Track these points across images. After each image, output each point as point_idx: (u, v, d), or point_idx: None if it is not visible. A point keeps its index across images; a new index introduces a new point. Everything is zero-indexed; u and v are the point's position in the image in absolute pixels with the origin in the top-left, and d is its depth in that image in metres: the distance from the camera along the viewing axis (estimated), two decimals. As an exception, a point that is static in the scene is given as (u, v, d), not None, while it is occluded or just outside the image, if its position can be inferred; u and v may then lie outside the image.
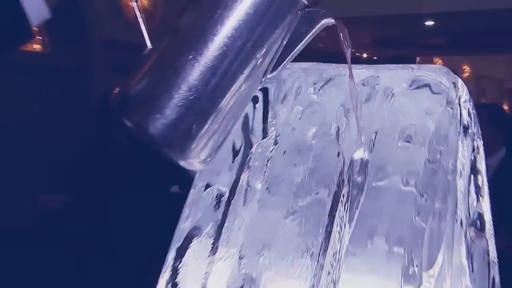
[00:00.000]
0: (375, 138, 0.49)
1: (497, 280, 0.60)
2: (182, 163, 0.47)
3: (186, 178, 0.56)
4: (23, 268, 1.96)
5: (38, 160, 2.44)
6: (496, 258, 0.58)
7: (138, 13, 0.51)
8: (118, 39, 3.02)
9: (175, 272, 0.48)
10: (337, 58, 0.53)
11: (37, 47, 2.98)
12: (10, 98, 2.60)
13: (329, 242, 0.47)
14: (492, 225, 0.56)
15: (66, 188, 2.22)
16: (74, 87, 2.84)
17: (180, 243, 0.50)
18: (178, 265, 0.49)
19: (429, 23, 4.22)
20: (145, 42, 0.49)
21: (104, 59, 3.05)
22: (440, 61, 6.50)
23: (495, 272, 0.58)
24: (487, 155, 0.57)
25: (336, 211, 0.47)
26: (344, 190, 0.48)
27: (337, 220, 0.47)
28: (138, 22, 0.53)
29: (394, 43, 5.27)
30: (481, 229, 0.54)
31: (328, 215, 0.47)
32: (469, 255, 0.53)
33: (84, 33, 2.98)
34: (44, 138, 2.66)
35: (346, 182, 0.48)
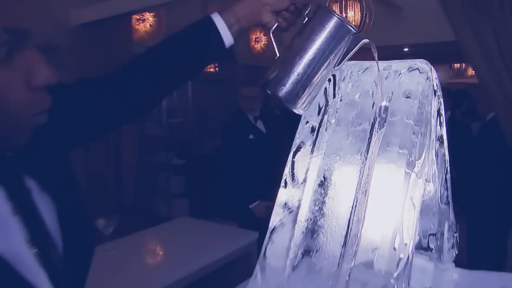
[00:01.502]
0: (391, 96, 0.74)
1: (448, 176, 0.89)
2: (294, 110, 0.79)
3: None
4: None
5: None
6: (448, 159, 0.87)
7: (272, 39, 0.81)
8: (249, 63, 5.46)
9: (292, 165, 0.78)
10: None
11: (212, 69, 5.58)
12: (202, 94, 5.24)
13: (369, 148, 0.73)
14: (447, 141, 0.84)
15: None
16: (229, 90, 4.83)
17: (294, 150, 0.78)
18: (294, 161, 0.77)
19: (406, 49, 5.81)
20: (276, 53, 0.79)
21: (243, 74, 5.07)
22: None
23: (447, 167, 0.86)
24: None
25: (372, 133, 0.73)
26: (376, 122, 0.73)
27: (373, 137, 0.73)
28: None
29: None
30: (442, 142, 0.82)
31: (369, 134, 0.73)
32: (436, 155, 0.80)
33: (233, 60, 5.22)
34: (217, 114, 4.69)
35: (377, 118, 0.73)
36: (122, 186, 4.02)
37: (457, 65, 8.73)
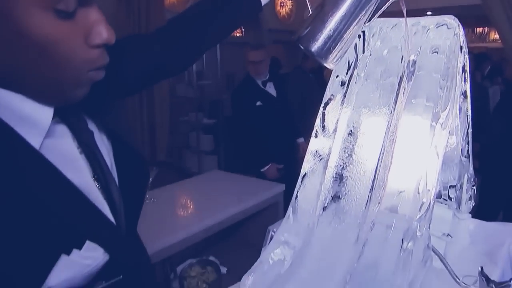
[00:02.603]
0: (419, 51, 0.73)
1: (470, 131, 0.89)
2: (325, 65, 0.80)
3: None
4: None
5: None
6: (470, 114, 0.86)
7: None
8: (274, 27, 5.74)
9: (323, 117, 0.78)
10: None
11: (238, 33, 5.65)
12: (229, 57, 5.19)
13: (397, 100, 0.72)
14: (470, 97, 0.83)
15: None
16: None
17: (325, 102, 0.79)
18: (324, 113, 0.78)
19: (429, 13, 5.15)
20: (309, 10, 0.79)
21: (269, 36, 5.46)
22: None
23: (469, 122, 0.86)
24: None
25: (400, 86, 0.73)
26: (404, 76, 0.72)
27: (401, 90, 0.72)
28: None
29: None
30: (465, 97, 0.82)
31: (397, 87, 0.73)
32: (459, 109, 0.80)
33: (258, 24, 5.37)
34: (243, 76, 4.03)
35: (405, 71, 0.72)
36: (156, 144, 4.10)
37: (479, 29, 8.41)
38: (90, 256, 0.56)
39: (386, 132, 0.70)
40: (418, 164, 0.68)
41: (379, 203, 0.67)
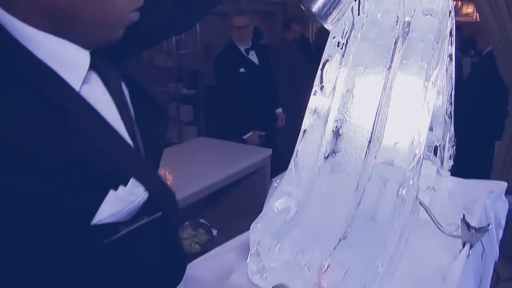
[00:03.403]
0: (413, 14, 0.76)
1: (453, 92, 0.93)
2: (324, 25, 0.82)
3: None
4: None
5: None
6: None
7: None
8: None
9: (321, 77, 0.80)
10: None
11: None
12: (208, 27, 4.84)
13: (393, 59, 0.76)
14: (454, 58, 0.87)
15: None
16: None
17: (322, 63, 0.81)
18: (322, 73, 0.80)
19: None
20: None
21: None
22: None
23: (453, 84, 0.90)
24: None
25: (396, 46, 0.77)
26: (400, 37, 0.76)
27: (397, 50, 0.76)
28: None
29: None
30: (451, 60, 0.86)
31: (393, 47, 0.77)
32: (446, 70, 0.84)
33: None
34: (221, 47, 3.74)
35: (400, 33, 0.76)
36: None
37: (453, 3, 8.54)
38: (133, 193, 0.60)
39: (383, 89, 0.74)
40: (412, 119, 0.73)
41: (376, 155, 0.72)
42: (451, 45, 0.90)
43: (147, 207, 0.64)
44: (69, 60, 0.57)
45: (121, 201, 0.59)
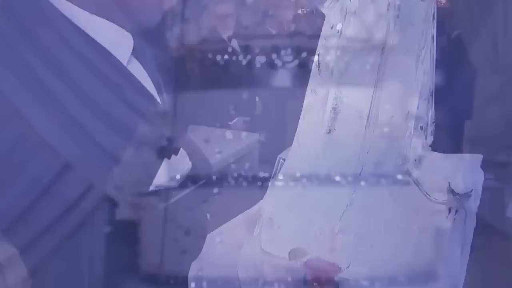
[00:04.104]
0: None
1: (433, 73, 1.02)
2: (321, 9, 0.88)
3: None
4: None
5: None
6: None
7: None
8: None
9: (319, 57, 0.90)
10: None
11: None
12: None
13: (386, 40, 0.87)
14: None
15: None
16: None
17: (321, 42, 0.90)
18: (320, 54, 0.90)
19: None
20: None
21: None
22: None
23: (434, 65, 0.95)
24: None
25: (388, 27, 0.86)
26: (391, 20, 0.85)
27: (388, 31, 0.84)
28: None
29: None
30: (433, 41, 0.90)
31: (385, 29, 0.85)
32: (429, 50, 0.92)
33: None
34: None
35: (391, 16, 0.83)
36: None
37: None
38: (181, 162, 0.67)
39: (380, 67, 0.80)
40: (405, 94, 0.79)
41: (374, 129, 0.78)
42: (433, 27, 0.97)
43: (192, 177, 0.70)
44: (115, 41, 0.61)
45: (173, 169, 0.65)
